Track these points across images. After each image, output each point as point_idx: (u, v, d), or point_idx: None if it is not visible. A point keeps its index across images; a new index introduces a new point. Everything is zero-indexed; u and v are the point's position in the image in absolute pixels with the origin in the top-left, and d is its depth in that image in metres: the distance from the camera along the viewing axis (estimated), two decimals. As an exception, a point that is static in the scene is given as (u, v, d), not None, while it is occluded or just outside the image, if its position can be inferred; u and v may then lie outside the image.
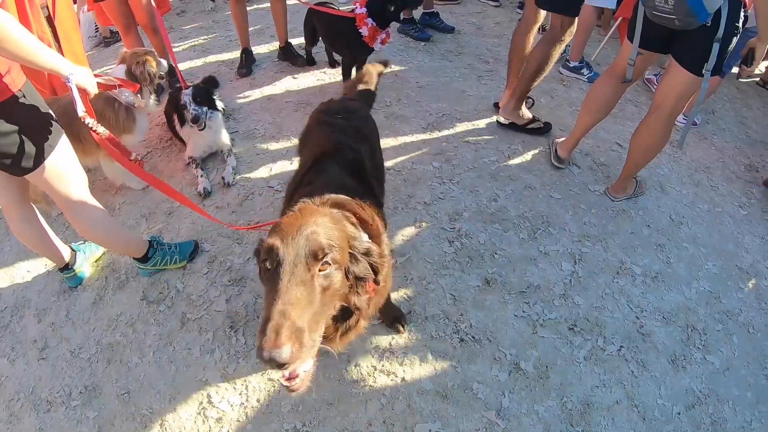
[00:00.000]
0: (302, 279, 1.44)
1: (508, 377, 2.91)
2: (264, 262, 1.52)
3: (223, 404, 2.78)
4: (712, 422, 2.84)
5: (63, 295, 3.38)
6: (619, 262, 3.59)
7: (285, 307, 1.37)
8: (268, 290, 1.46)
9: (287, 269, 1.43)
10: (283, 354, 1.28)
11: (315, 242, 1.49)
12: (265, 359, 1.28)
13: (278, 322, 1.33)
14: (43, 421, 2.79)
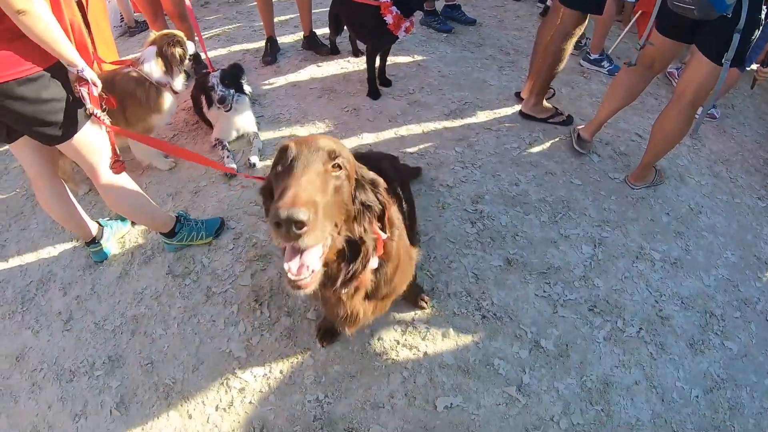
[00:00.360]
0: (317, 170, 1.43)
1: (528, 354, 2.90)
2: (276, 166, 1.52)
3: (247, 375, 2.79)
4: (730, 407, 2.81)
5: (89, 269, 3.40)
6: (639, 247, 3.57)
7: (302, 185, 1.35)
8: (279, 187, 1.43)
9: (302, 162, 1.43)
10: (301, 214, 1.23)
11: (328, 145, 1.51)
12: (282, 216, 1.22)
13: (296, 191, 1.30)
14: (65, 390, 2.80)
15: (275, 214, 1.23)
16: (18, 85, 2.21)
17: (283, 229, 1.24)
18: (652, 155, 3.84)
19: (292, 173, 1.40)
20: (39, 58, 2.24)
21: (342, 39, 5.66)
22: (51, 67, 2.30)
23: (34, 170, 2.87)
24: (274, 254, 3.38)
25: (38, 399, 2.78)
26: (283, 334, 2.95)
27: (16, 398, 2.80)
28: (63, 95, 2.38)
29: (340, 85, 5.08)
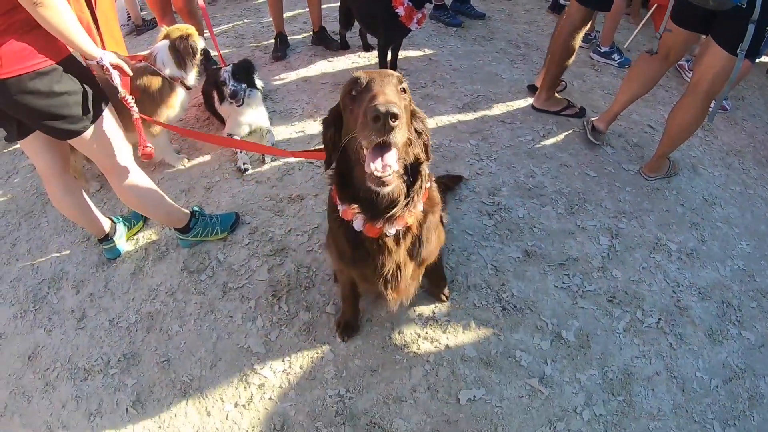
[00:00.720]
0: (392, 89, 1.56)
1: (550, 346, 2.85)
2: (350, 92, 1.62)
3: (266, 371, 2.74)
4: (749, 397, 2.75)
5: (101, 266, 3.35)
6: (655, 238, 3.52)
7: (387, 93, 1.49)
8: (358, 104, 1.56)
9: (378, 83, 1.56)
10: (395, 108, 1.36)
11: (395, 73, 1.66)
12: (382, 110, 1.35)
13: (386, 96, 1.45)
14: (79, 389, 2.75)
15: (374, 108, 1.37)
16: (30, 79, 2.16)
17: (380, 123, 1.38)
18: (667, 146, 3.79)
19: (372, 89, 1.52)
20: (51, 51, 2.21)
21: (352, 34, 5.62)
22: (63, 60, 2.27)
23: (45, 167, 2.82)
24: (291, 248, 3.33)
25: (52, 398, 2.72)
26: (302, 329, 2.90)
27: (29, 398, 2.74)
28: (76, 89, 2.34)
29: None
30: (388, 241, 1.93)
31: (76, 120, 2.40)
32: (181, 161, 4.04)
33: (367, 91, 1.55)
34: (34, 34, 2.12)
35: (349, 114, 1.65)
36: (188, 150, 4.20)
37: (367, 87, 1.57)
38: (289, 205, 3.63)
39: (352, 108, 1.61)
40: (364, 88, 1.58)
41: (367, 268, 2.06)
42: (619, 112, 4.10)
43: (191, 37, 3.64)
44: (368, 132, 1.43)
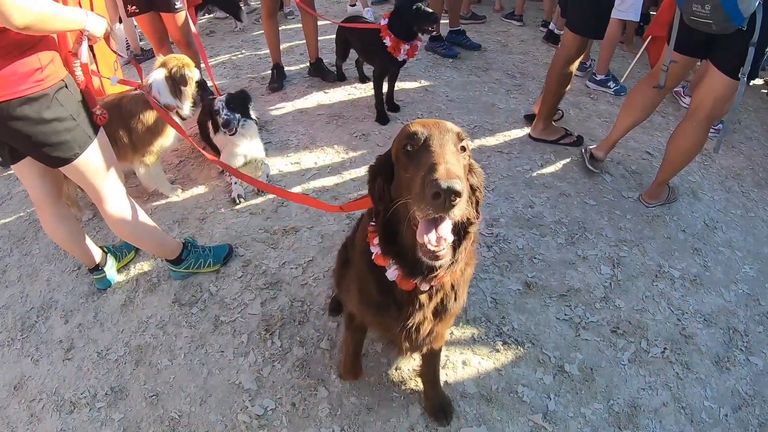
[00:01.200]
0: (452, 149, 1.43)
1: (552, 380, 2.71)
2: (405, 147, 1.49)
3: (257, 408, 2.58)
4: (760, 423, 2.63)
5: (92, 296, 3.22)
6: (657, 265, 3.41)
7: (448, 160, 1.35)
8: (415, 164, 1.43)
9: (437, 142, 1.43)
10: (458, 185, 1.24)
11: (455, 128, 1.51)
12: (444, 187, 1.23)
13: (447, 167, 1.31)
14: (65, 422, 2.60)
15: (435, 185, 1.25)
16: (19, 105, 2.06)
17: (440, 200, 1.26)
18: (667, 172, 3.71)
19: (432, 151, 1.40)
20: (42, 76, 2.11)
21: (348, 65, 5.57)
22: (54, 86, 2.16)
23: (37, 194, 2.72)
24: (284, 281, 3.20)
25: (37, 431, 2.59)
26: (296, 365, 2.75)
27: (14, 429, 2.59)
28: (66, 115, 2.23)
29: (348, 111, 4.96)
30: (421, 296, 1.82)
31: (66, 148, 2.30)
32: (174, 191, 3.93)
33: (424, 150, 1.43)
34: (24, 58, 2.03)
35: (402, 171, 1.53)
36: (182, 180, 4.10)
37: (425, 145, 1.45)
38: (284, 237, 3.52)
39: (407, 166, 1.48)
40: (421, 146, 1.46)
41: (389, 317, 1.93)
42: (618, 140, 4.03)
43: (187, 66, 3.55)
44: (425, 205, 1.31)
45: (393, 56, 4.31)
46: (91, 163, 2.44)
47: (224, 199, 3.89)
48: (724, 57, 3.11)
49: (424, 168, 1.35)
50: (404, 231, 1.61)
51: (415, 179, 1.39)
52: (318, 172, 4.17)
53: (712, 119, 3.37)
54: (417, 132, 1.47)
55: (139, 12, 4.37)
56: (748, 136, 5.11)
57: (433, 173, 1.29)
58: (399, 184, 1.56)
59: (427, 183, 1.28)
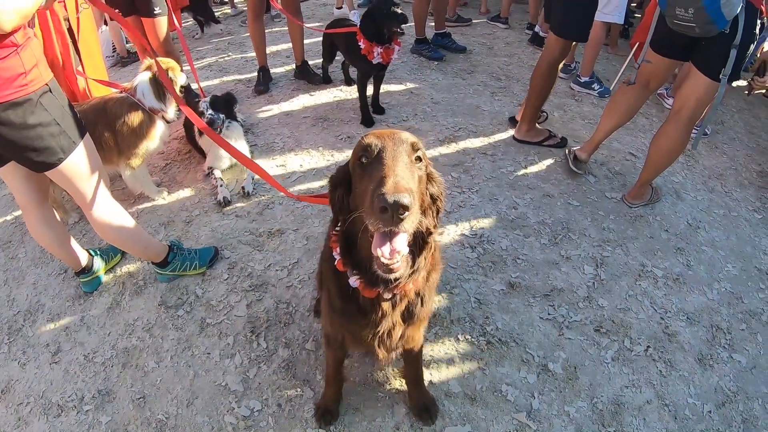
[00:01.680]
0: (404, 162, 1.42)
1: (536, 379, 2.72)
2: (360, 159, 1.48)
3: (243, 409, 2.58)
4: (743, 420, 2.66)
5: (78, 300, 3.20)
6: (641, 265, 3.44)
7: (398, 174, 1.34)
8: (367, 177, 1.42)
9: (390, 153, 1.42)
10: (406, 199, 1.23)
11: (410, 138, 1.51)
12: (390, 201, 1.22)
13: (396, 180, 1.31)
14: (53, 425, 2.58)
15: (382, 199, 1.24)
16: (3, 110, 2.05)
17: (388, 214, 1.25)
18: (650, 172, 3.75)
19: (383, 163, 1.39)
20: (25, 81, 2.09)
21: (334, 68, 5.59)
22: (37, 90, 2.15)
23: (23, 197, 2.72)
24: (270, 283, 3.21)
25: None
26: (281, 366, 2.76)
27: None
28: (50, 120, 2.21)
29: (334, 114, 4.98)
30: (384, 304, 1.80)
31: (51, 153, 2.29)
32: (160, 194, 3.92)
33: (377, 162, 1.43)
34: (6, 64, 2.01)
35: (358, 181, 1.52)
36: (168, 183, 4.10)
37: (378, 157, 1.44)
38: (269, 239, 3.52)
39: (362, 177, 1.48)
40: (374, 158, 1.45)
41: (357, 324, 1.90)
42: (601, 141, 4.06)
43: (171, 70, 3.56)
44: (375, 218, 1.31)
45: (369, 60, 4.35)
46: (76, 168, 2.44)
47: (210, 202, 3.89)
48: (706, 59, 3.15)
49: (375, 181, 1.35)
50: (361, 242, 1.60)
51: (367, 192, 1.38)
52: (303, 174, 4.18)
53: (694, 120, 3.42)
54: (371, 144, 1.47)
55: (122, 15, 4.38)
56: (731, 137, 5.17)
57: (381, 187, 1.29)
58: (355, 196, 1.55)
59: (375, 197, 1.28)
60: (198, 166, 4.26)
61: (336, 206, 1.69)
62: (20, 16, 1.88)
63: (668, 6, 3.01)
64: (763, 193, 4.37)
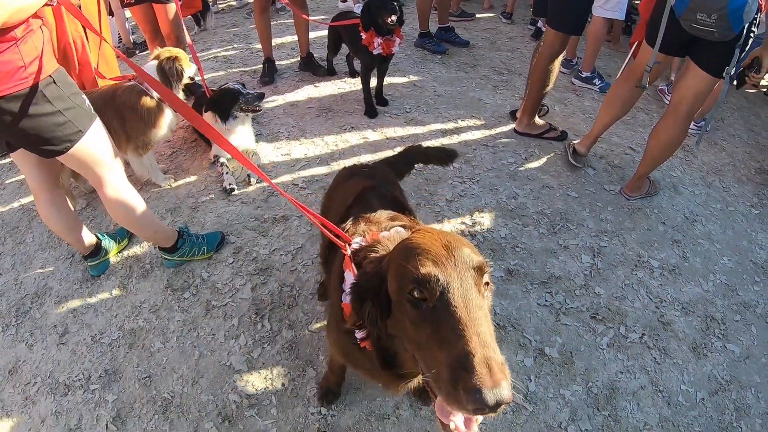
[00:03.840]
0: (478, 303, 1.13)
1: (533, 362, 2.79)
2: (412, 294, 1.17)
3: (248, 388, 2.65)
4: (736, 408, 2.72)
5: (86, 283, 3.27)
6: (637, 255, 3.50)
7: (480, 337, 1.05)
8: (429, 328, 1.12)
9: (458, 295, 1.12)
10: (506, 391, 0.98)
11: (475, 259, 1.20)
12: (490, 404, 0.96)
13: (486, 355, 1.02)
14: (59, 404, 2.65)
15: (477, 399, 0.97)
16: (5, 102, 2.08)
17: (484, 412, 0.99)
18: (647, 166, 3.80)
19: (456, 317, 1.08)
20: (25, 75, 2.10)
21: (338, 61, 5.64)
22: (40, 82, 2.16)
23: (34, 182, 2.76)
24: (275, 267, 3.27)
25: (31, 413, 2.61)
26: (285, 347, 2.82)
27: (9, 412, 2.62)
28: (54, 110, 2.24)
29: (338, 105, 5.03)
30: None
31: (57, 141, 2.32)
32: (167, 181, 3.98)
33: (444, 311, 1.11)
34: (5, 57, 2.02)
35: (409, 325, 1.20)
36: (175, 171, 4.15)
37: (443, 301, 1.12)
38: (274, 225, 3.58)
39: (417, 323, 1.17)
40: (438, 301, 1.13)
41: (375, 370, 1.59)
42: (599, 135, 4.11)
43: (179, 60, 3.61)
44: (458, 406, 1.03)
45: (371, 51, 4.40)
46: (85, 153, 2.47)
47: (216, 189, 3.94)
48: (708, 57, 3.19)
49: (450, 347, 1.06)
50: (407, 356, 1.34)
51: (435, 353, 1.11)
52: (308, 162, 4.23)
53: (693, 114, 3.47)
54: (430, 277, 1.14)
55: (133, 3, 4.43)
56: (730, 133, 5.21)
57: (471, 373, 0.99)
58: (403, 331, 1.27)
59: (463, 387, 1.00)
60: (204, 155, 4.32)
61: (365, 320, 1.38)
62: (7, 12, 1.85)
63: (687, 11, 3.02)
64: (760, 189, 4.41)
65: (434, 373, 1.08)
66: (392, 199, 2.16)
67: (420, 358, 1.18)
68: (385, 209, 1.99)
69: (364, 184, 2.22)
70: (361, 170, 2.52)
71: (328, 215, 2.30)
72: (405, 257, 1.23)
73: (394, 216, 1.90)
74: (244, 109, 3.88)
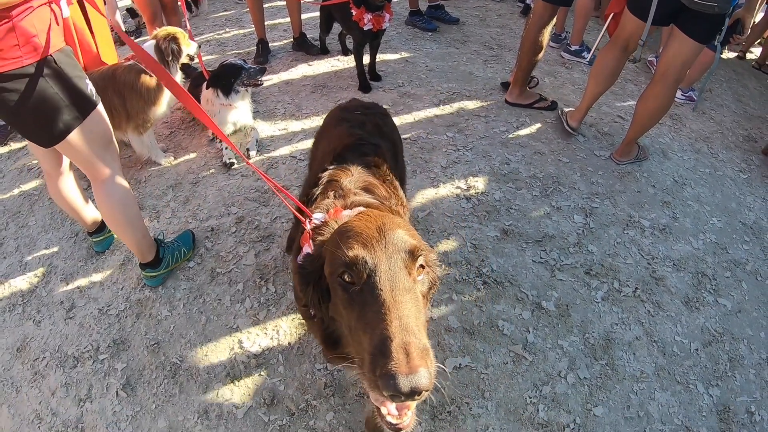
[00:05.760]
0: (405, 286, 1.13)
1: (531, 315, 2.86)
2: (342, 277, 1.19)
3: (255, 348, 2.72)
4: (730, 359, 2.81)
5: (90, 260, 3.30)
6: (628, 216, 3.58)
7: (402, 321, 1.04)
8: (357, 310, 1.14)
9: (385, 278, 1.12)
10: (423, 378, 0.97)
11: (407, 242, 1.21)
12: (404, 390, 0.95)
13: (405, 339, 1.01)
14: (69, 376, 2.68)
15: (391, 384, 0.96)
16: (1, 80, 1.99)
17: (400, 398, 0.99)
18: (636, 131, 3.87)
19: (380, 300, 1.09)
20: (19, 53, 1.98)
21: (331, 40, 5.66)
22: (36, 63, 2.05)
23: (45, 162, 2.77)
24: (277, 235, 3.32)
25: (41, 387, 2.64)
26: (290, 308, 2.87)
27: (18, 388, 2.65)
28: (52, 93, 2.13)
29: (332, 81, 5.06)
30: None
31: (53, 127, 2.22)
32: (167, 159, 4.02)
33: (370, 294, 1.12)
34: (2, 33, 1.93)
35: (341, 306, 1.22)
36: (174, 149, 4.18)
37: (370, 285, 1.13)
38: (274, 195, 3.61)
39: (347, 305, 1.19)
40: (365, 284, 1.14)
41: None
42: (589, 107, 4.17)
43: (176, 39, 3.64)
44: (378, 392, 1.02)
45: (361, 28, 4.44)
46: (83, 141, 2.35)
47: (216, 164, 3.98)
48: (696, 26, 3.24)
49: (372, 332, 1.06)
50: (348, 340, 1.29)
51: (359, 338, 1.12)
52: (305, 135, 4.26)
53: (680, 81, 3.55)
54: (357, 260, 1.15)
55: None
56: (718, 103, 5.29)
57: (387, 358, 0.99)
58: (339, 316, 1.28)
59: (379, 372, 0.99)
60: (202, 133, 4.35)
61: (310, 303, 1.40)
62: None
63: None
64: (748, 155, 4.49)
65: (359, 358, 1.10)
66: (374, 163, 2.07)
67: (351, 342, 1.19)
68: (364, 172, 1.96)
69: (348, 139, 2.16)
70: (354, 114, 2.43)
71: (314, 164, 2.37)
72: (338, 241, 1.22)
73: (368, 185, 1.87)
74: (246, 83, 3.90)
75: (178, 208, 3.59)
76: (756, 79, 6.08)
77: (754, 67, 6.38)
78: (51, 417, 2.53)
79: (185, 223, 3.45)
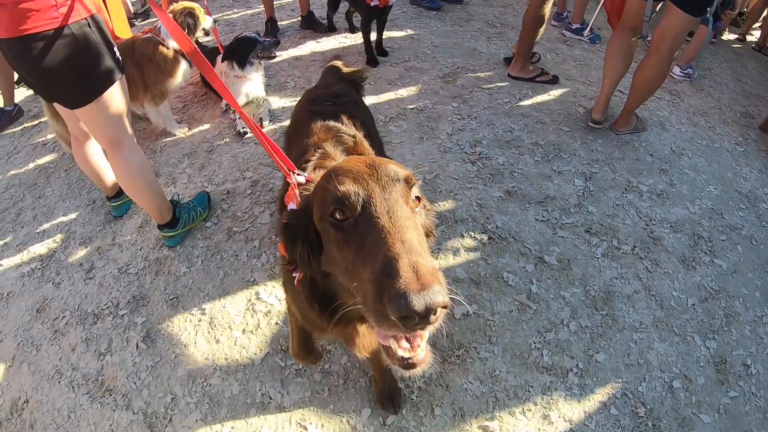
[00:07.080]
0: (404, 214, 1.02)
1: (534, 268, 2.96)
2: (333, 216, 1.07)
3: (271, 299, 2.81)
4: (726, 315, 2.89)
5: (108, 224, 3.38)
6: (627, 181, 3.67)
7: (405, 243, 0.93)
8: (354, 246, 1.02)
9: (381, 206, 1.02)
10: (438, 294, 0.85)
11: (400, 171, 1.11)
12: (419, 310, 0.83)
13: (414, 260, 0.89)
14: (89, 332, 2.76)
15: (404, 305, 0.84)
16: (33, 41, 2.02)
17: (413, 322, 0.86)
18: (633, 102, 3.96)
19: (379, 227, 0.98)
20: (56, 14, 2.03)
21: (338, 18, 5.74)
22: (72, 24, 2.09)
23: (74, 128, 2.83)
24: (290, 196, 3.38)
25: (61, 344, 2.70)
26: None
27: (38, 347, 2.71)
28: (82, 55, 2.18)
29: (340, 57, 5.08)
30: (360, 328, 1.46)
31: (80, 90, 2.27)
32: (182, 130, 4.11)
33: (367, 224, 1.01)
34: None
35: (335, 251, 1.10)
36: (188, 121, 4.27)
37: (365, 216, 1.02)
38: (277, 167, 3.66)
39: (342, 246, 1.06)
40: (360, 216, 1.04)
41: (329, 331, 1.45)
42: (610, 96, 4.16)
43: (192, 13, 3.72)
44: (387, 324, 0.89)
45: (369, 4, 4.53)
46: (107, 108, 2.38)
47: (230, 134, 4.07)
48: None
49: (372, 259, 0.95)
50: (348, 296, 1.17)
51: (360, 272, 0.98)
52: (317, 107, 4.32)
53: (674, 52, 3.64)
54: (349, 195, 1.05)
55: None
56: (717, 81, 5.37)
57: (394, 279, 0.87)
58: (333, 263, 1.15)
59: (387, 296, 0.87)
60: (215, 105, 4.44)
61: (298, 262, 1.28)
62: None
63: None
64: (745, 130, 4.57)
65: (362, 294, 0.96)
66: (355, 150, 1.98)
67: (353, 288, 1.03)
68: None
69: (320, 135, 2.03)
70: (324, 106, 2.31)
71: None
72: (326, 182, 1.12)
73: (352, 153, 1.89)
74: (261, 56, 3.98)
75: (194, 174, 3.67)
76: (756, 60, 6.14)
77: (755, 48, 6.44)
78: (71, 371, 2.60)
79: (201, 187, 3.52)
